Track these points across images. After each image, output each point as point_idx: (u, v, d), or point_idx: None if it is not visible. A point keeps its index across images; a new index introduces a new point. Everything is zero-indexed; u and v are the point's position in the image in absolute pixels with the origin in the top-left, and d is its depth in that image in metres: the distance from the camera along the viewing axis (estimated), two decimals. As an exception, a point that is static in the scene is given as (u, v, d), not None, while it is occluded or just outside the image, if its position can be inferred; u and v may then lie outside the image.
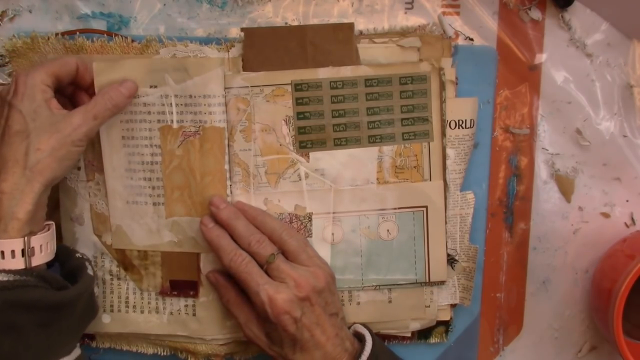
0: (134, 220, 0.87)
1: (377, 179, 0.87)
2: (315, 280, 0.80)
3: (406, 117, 0.86)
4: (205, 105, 0.84)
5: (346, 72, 0.85)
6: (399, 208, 0.88)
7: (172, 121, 0.84)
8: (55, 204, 0.87)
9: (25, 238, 0.74)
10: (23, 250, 0.74)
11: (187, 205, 0.86)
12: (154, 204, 0.86)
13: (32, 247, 0.74)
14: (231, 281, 0.84)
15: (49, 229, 0.78)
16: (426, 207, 0.88)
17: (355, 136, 0.86)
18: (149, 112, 0.84)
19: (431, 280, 0.90)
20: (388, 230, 0.88)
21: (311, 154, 0.86)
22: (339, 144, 0.86)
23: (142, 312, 0.90)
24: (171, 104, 0.84)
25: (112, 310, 0.89)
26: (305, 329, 0.80)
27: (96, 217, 0.88)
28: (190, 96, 0.83)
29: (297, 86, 0.85)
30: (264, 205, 0.87)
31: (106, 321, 0.89)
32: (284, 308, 0.78)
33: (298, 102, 0.85)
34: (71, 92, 0.84)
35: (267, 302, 0.78)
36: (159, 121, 0.84)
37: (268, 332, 0.82)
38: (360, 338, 0.85)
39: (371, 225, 0.88)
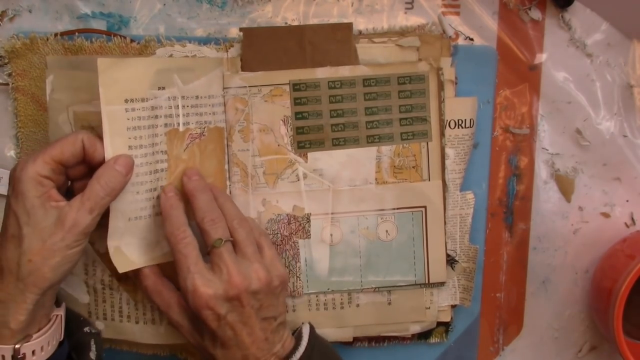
0: (133, 237, 0.80)
1: (376, 179, 0.87)
2: (251, 280, 0.76)
3: (405, 117, 0.86)
4: (209, 105, 0.84)
5: (344, 72, 0.85)
6: (398, 208, 0.88)
7: (178, 124, 0.81)
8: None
9: (16, 346, 0.71)
10: (13, 357, 0.71)
11: (188, 210, 0.81)
12: (156, 214, 0.81)
13: (24, 354, 0.71)
14: (151, 268, 0.81)
15: (52, 326, 0.75)
16: (425, 207, 0.88)
17: (354, 136, 0.86)
18: (156, 117, 0.79)
19: (431, 281, 0.90)
20: (387, 231, 0.88)
21: (309, 154, 0.86)
22: (338, 144, 0.86)
23: (137, 322, 0.89)
24: (178, 106, 0.80)
25: (105, 318, 0.88)
26: (229, 327, 0.75)
27: None
28: (197, 97, 0.82)
29: (296, 86, 0.85)
30: (262, 205, 0.87)
31: (100, 327, 0.88)
32: (208, 303, 0.73)
33: (296, 102, 0.85)
34: (84, 172, 0.78)
35: (191, 291, 0.74)
36: (165, 125, 0.80)
37: (191, 318, 0.78)
38: (298, 339, 0.82)
39: (370, 226, 0.88)
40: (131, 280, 0.87)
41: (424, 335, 0.94)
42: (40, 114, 0.86)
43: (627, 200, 0.95)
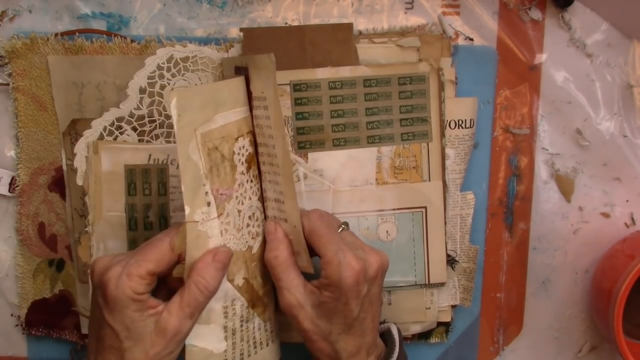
0: None
1: (376, 179, 0.87)
2: (382, 260, 0.75)
3: (405, 118, 0.86)
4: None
5: (345, 72, 0.85)
6: (398, 209, 0.88)
7: None
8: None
9: None
10: None
11: None
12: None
13: None
14: (288, 244, 0.77)
15: None
16: (425, 207, 0.88)
17: (354, 137, 0.86)
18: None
19: (431, 281, 0.90)
20: (387, 232, 0.88)
21: (310, 155, 0.86)
22: (338, 144, 0.86)
23: (267, 345, 0.81)
24: None
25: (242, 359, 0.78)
26: (363, 310, 0.74)
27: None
28: None
29: (296, 86, 0.85)
30: (263, 205, 0.86)
31: None
32: (357, 279, 0.72)
33: (297, 102, 0.85)
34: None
35: (345, 265, 0.71)
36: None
37: (320, 302, 0.73)
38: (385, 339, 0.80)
39: (370, 226, 0.88)
40: (261, 300, 0.80)
41: (425, 336, 0.94)
42: (40, 114, 0.86)
43: (627, 200, 0.96)
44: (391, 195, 0.88)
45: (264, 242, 0.78)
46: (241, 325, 0.77)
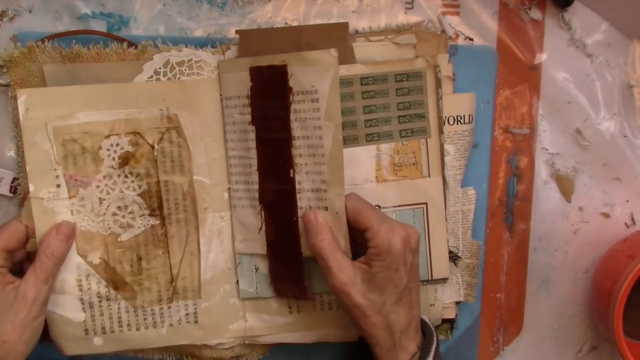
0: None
1: (376, 177, 0.87)
2: (418, 233, 0.79)
3: (403, 115, 0.86)
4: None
5: (342, 71, 0.84)
6: (399, 206, 0.88)
7: None
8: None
9: None
10: None
11: None
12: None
13: None
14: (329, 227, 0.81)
15: None
16: (426, 203, 0.88)
17: (353, 135, 0.86)
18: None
19: (434, 277, 0.89)
20: (389, 229, 0.88)
21: (310, 154, 0.86)
22: (337, 142, 0.86)
23: (137, 329, 0.87)
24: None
25: (104, 332, 0.86)
26: (410, 279, 0.78)
27: (80, 236, 0.84)
28: None
29: (294, 86, 0.85)
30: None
31: (98, 343, 0.86)
32: (404, 245, 0.76)
33: (295, 101, 0.85)
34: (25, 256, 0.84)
35: (392, 231, 0.76)
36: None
37: (370, 276, 0.76)
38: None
39: (372, 224, 0.88)
40: (129, 286, 0.86)
41: (428, 333, 0.94)
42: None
43: (627, 200, 0.96)
44: (392, 192, 0.87)
45: (147, 236, 0.86)
46: (100, 301, 0.85)
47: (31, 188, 0.82)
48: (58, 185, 0.83)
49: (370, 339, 0.77)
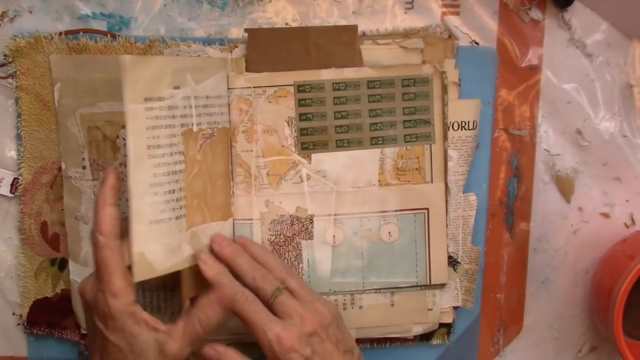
0: (157, 243, 0.77)
1: (379, 180, 0.87)
2: (321, 315, 0.77)
3: (408, 119, 0.86)
4: (218, 106, 0.84)
5: (349, 73, 0.85)
6: (401, 210, 0.88)
7: (192, 124, 0.79)
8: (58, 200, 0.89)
9: None
10: None
11: (203, 212, 0.82)
12: (177, 217, 0.78)
13: None
14: (228, 346, 0.78)
15: None
16: (427, 209, 0.88)
17: (358, 138, 0.86)
18: (173, 116, 0.77)
19: (432, 282, 0.90)
20: (389, 233, 0.88)
21: (313, 156, 0.86)
22: (341, 145, 0.86)
23: None
24: (191, 105, 0.79)
25: None
26: None
27: None
28: (207, 97, 0.81)
29: (300, 87, 0.85)
30: (265, 206, 0.87)
31: None
32: (293, 346, 0.73)
33: (300, 103, 0.85)
34: None
35: (274, 340, 0.73)
36: (182, 125, 0.78)
37: None
38: None
39: (372, 228, 0.88)
40: None
41: (426, 337, 0.94)
42: (44, 112, 0.87)
43: (627, 200, 0.96)
44: (394, 196, 0.88)
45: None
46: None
47: (63, 166, 0.87)
48: (84, 167, 0.87)
49: None
